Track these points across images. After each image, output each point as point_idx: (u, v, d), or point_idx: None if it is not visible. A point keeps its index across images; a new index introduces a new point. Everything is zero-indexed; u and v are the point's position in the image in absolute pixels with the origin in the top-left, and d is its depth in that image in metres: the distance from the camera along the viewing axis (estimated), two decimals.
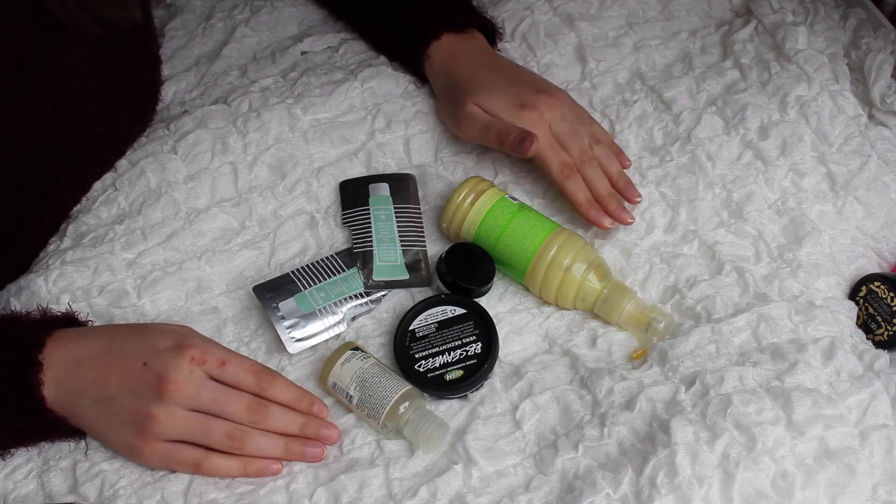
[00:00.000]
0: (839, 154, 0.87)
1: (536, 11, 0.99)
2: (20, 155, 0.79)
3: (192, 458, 0.72)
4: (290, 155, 0.90)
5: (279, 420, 0.73)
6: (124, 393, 0.71)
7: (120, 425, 0.71)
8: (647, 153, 0.90)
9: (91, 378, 0.71)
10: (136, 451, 0.71)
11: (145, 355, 0.71)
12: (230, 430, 0.72)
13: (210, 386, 0.72)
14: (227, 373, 0.72)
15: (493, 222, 0.83)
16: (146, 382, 0.70)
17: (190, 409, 0.71)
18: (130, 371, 0.71)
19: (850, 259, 0.84)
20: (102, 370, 0.71)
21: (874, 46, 0.92)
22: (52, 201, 0.85)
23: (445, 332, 0.78)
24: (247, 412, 0.72)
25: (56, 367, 0.71)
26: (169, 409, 0.70)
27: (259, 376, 0.73)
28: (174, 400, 0.70)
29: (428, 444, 0.73)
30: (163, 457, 0.72)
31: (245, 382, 0.73)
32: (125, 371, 0.71)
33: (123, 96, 0.88)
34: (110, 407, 0.71)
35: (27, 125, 0.78)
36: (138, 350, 0.72)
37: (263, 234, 0.87)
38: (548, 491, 0.70)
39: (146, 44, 0.92)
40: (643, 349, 0.79)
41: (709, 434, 0.67)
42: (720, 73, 0.94)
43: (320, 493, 0.72)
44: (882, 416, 0.70)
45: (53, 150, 0.82)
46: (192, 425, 0.71)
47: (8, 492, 0.72)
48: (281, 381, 0.74)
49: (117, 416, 0.71)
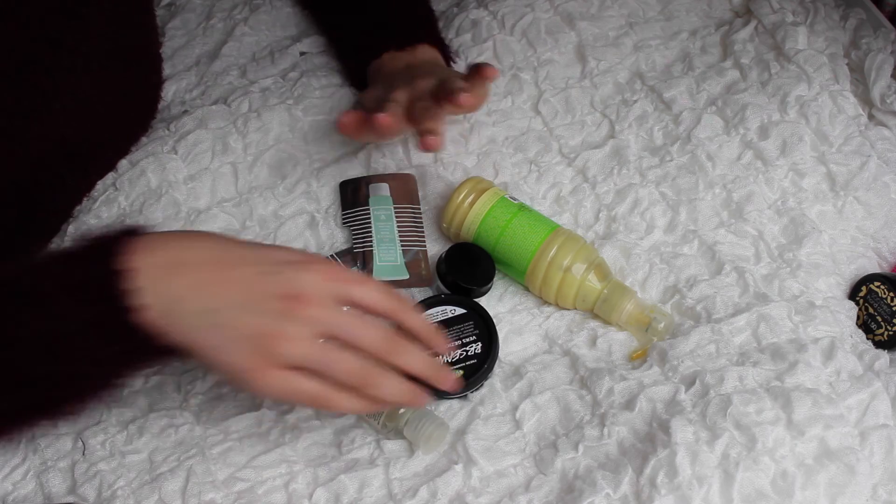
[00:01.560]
0: (839, 154, 0.87)
1: (537, 9, 0.99)
2: (27, 151, 0.79)
3: (313, 391, 0.62)
4: (290, 155, 0.90)
5: (414, 359, 0.65)
6: (243, 304, 0.60)
7: (233, 343, 0.61)
8: (647, 153, 0.90)
9: (199, 283, 0.61)
10: (251, 374, 0.61)
11: (269, 264, 0.61)
12: (362, 366, 0.62)
13: (344, 310, 0.62)
14: (363, 293, 0.63)
15: (493, 222, 0.83)
16: (272, 295, 0.60)
17: (320, 332, 0.62)
18: (250, 279, 0.61)
19: (850, 259, 0.84)
20: (215, 275, 0.61)
21: (874, 46, 0.92)
22: (59, 199, 0.85)
23: (446, 333, 0.78)
24: (384, 342, 0.63)
25: (149, 271, 0.60)
26: (298, 328, 0.60)
27: (394, 299, 0.64)
28: (305, 319, 0.61)
29: (428, 444, 0.73)
30: (280, 385, 0.61)
31: (382, 304, 0.64)
32: (244, 279, 0.61)
33: (128, 95, 0.89)
34: (222, 319, 0.61)
35: (34, 122, 0.78)
36: (260, 257, 0.62)
37: (264, 235, 0.87)
38: (548, 491, 0.70)
39: (149, 42, 0.93)
40: (643, 349, 0.79)
41: (709, 434, 0.67)
42: (720, 73, 0.94)
43: (320, 492, 0.72)
44: (882, 416, 0.70)
45: (60, 147, 0.82)
46: (320, 351, 0.61)
47: (7, 493, 0.72)
48: (416, 312, 0.67)
49: (232, 330, 0.61)
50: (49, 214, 0.85)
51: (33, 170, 0.80)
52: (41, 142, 0.79)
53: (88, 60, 0.81)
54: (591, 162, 0.90)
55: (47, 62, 0.77)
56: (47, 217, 0.85)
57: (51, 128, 0.80)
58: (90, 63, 0.81)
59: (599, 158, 0.90)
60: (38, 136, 0.79)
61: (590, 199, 0.88)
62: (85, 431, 0.74)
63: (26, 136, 0.78)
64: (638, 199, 0.87)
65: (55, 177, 0.83)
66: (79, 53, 0.79)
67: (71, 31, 0.77)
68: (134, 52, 0.88)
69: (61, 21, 0.76)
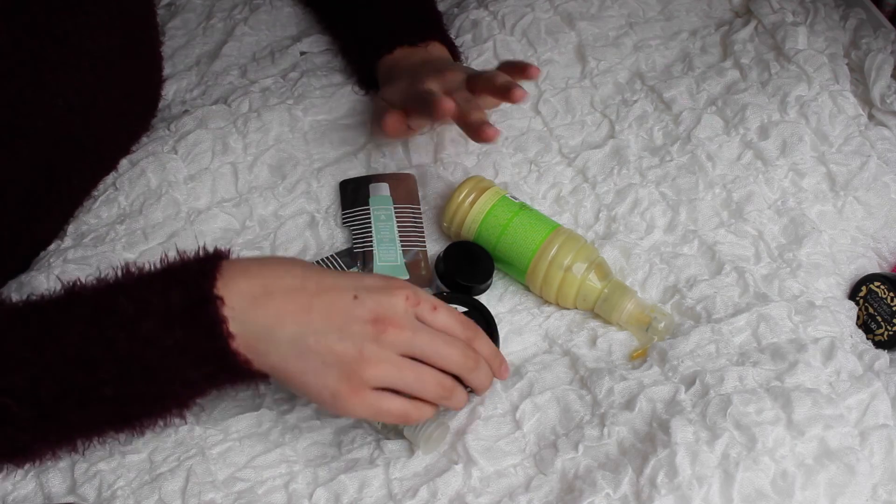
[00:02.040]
0: (839, 154, 0.87)
1: (537, 9, 0.99)
2: (31, 148, 0.79)
3: (400, 409, 0.66)
4: (290, 155, 0.90)
5: (484, 373, 0.69)
6: (330, 330, 0.62)
7: (322, 367, 0.63)
8: (647, 153, 0.90)
9: (286, 311, 0.63)
10: (343, 398, 0.64)
11: (355, 289, 0.64)
12: (441, 380, 0.66)
13: (425, 328, 0.65)
14: (440, 318, 0.66)
15: (493, 222, 0.83)
16: (359, 319, 0.63)
17: (403, 353, 0.64)
18: (338, 305, 0.63)
19: (850, 259, 0.84)
20: (301, 302, 0.63)
21: (874, 46, 0.92)
22: (64, 195, 0.85)
23: None
24: (463, 357, 0.67)
25: (239, 299, 0.62)
26: (384, 352, 0.63)
27: (466, 325, 0.68)
28: (391, 342, 0.63)
29: (428, 445, 0.73)
30: (370, 406, 0.64)
31: (455, 329, 0.67)
32: (331, 305, 0.63)
33: (130, 91, 0.89)
34: (310, 345, 0.63)
35: (39, 118, 0.78)
36: (344, 283, 0.64)
37: (264, 235, 0.87)
38: (548, 491, 0.70)
39: (150, 37, 0.93)
40: (643, 349, 0.79)
41: (709, 434, 0.67)
42: (720, 73, 0.94)
43: (320, 492, 0.71)
44: (882, 416, 0.70)
45: (64, 144, 0.82)
46: (406, 371, 0.64)
47: (7, 493, 0.72)
48: (483, 334, 0.70)
49: (319, 357, 0.63)
50: (53, 213, 0.85)
51: (38, 167, 0.80)
52: (45, 138, 0.79)
53: (92, 56, 0.81)
54: (591, 162, 0.90)
55: (52, 57, 0.76)
56: (51, 216, 0.85)
57: (55, 123, 0.80)
58: (94, 58, 0.81)
59: (599, 158, 0.90)
60: (42, 131, 0.79)
61: (590, 199, 0.88)
62: None
63: (31, 132, 0.78)
64: (638, 199, 0.87)
65: (59, 174, 0.83)
66: (83, 48, 0.79)
67: (75, 27, 0.77)
68: (136, 47, 0.88)
69: (65, 16, 0.76)
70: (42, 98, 0.77)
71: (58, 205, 0.85)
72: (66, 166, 0.84)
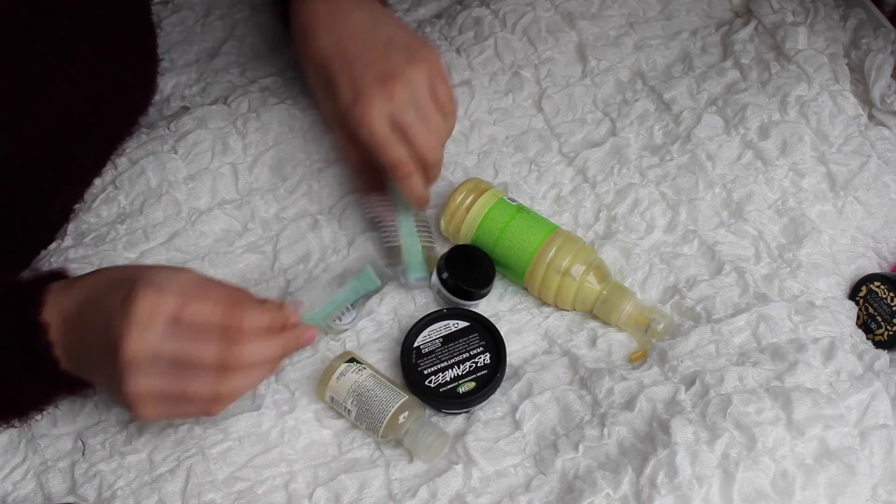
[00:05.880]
0: (839, 154, 0.87)
1: (538, 8, 0.99)
2: (36, 126, 0.78)
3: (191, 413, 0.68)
4: (290, 156, 0.90)
5: (255, 354, 0.66)
6: (101, 356, 0.65)
7: (111, 389, 0.67)
8: (648, 152, 0.90)
9: (76, 339, 0.66)
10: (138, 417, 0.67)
11: (106, 313, 0.64)
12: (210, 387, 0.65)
13: (171, 337, 0.63)
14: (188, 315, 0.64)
15: (491, 224, 0.82)
16: (110, 346, 0.63)
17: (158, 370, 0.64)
18: (97, 332, 0.64)
19: (850, 259, 0.84)
20: (81, 330, 0.66)
21: (874, 46, 0.92)
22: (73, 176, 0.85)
23: (451, 346, 0.78)
24: (218, 358, 0.65)
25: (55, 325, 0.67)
26: (137, 377, 0.63)
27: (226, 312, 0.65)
28: (136, 366, 0.63)
29: (428, 454, 0.72)
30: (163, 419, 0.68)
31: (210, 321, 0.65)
32: (95, 331, 0.65)
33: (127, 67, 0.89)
34: (97, 369, 0.67)
35: (40, 94, 0.78)
36: (101, 306, 0.65)
37: (266, 237, 0.87)
38: (548, 491, 0.70)
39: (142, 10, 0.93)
40: (643, 351, 0.79)
41: (709, 434, 0.67)
42: (720, 73, 0.94)
43: (320, 492, 0.72)
44: (882, 416, 0.70)
45: (67, 122, 0.82)
46: (169, 387, 0.64)
47: (7, 493, 0.72)
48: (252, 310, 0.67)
49: (106, 378, 0.66)
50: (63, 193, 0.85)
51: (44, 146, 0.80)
52: (49, 114, 0.79)
53: (88, 29, 0.81)
54: (591, 161, 0.90)
55: (48, 31, 0.77)
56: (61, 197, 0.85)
57: (57, 99, 0.79)
58: (88, 29, 0.81)
59: (599, 158, 0.90)
60: (45, 108, 0.79)
61: (590, 199, 0.88)
62: (85, 431, 0.74)
63: (34, 109, 0.78)
64: (638, 198, 0.87)
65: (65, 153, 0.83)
66: (75, 18, 0.79)
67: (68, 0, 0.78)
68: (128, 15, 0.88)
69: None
70: (40, 72, 0.77)
71: (67, 186, 0.85)
72: (72, 145, 0.83)
